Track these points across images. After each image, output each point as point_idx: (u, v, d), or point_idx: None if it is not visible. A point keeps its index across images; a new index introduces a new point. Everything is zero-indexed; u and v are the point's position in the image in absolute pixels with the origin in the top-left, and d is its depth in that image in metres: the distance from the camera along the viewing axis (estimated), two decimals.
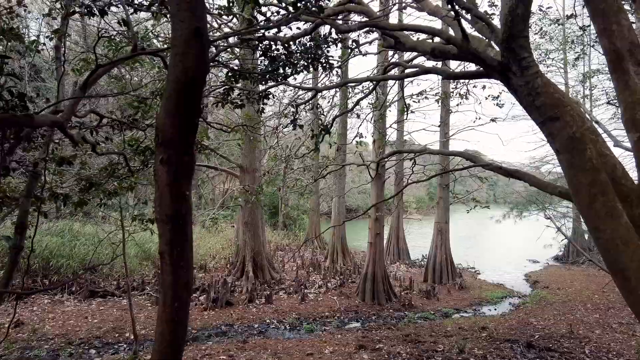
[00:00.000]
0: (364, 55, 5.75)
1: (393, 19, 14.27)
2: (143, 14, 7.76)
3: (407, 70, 4.43)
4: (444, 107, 14.94)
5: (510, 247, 24.09)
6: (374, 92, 7.42)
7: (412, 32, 4.08)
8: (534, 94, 2.60)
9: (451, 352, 7.89)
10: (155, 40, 5.79)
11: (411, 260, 19.69)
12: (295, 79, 4.86)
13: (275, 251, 19.17)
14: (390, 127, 12.51)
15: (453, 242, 16.53)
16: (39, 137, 3.72)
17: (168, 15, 3.85)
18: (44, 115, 2.53)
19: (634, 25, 3.51)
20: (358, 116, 7.61)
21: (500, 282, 15.82)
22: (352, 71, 33.20)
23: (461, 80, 8.78)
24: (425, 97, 9.03)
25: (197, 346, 8.23)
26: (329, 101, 13.03)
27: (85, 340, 8.31)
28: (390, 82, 10.99)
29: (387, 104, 11.15)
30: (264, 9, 3.88)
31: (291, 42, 3.87)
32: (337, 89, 8.88)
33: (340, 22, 3.90)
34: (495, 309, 12.23)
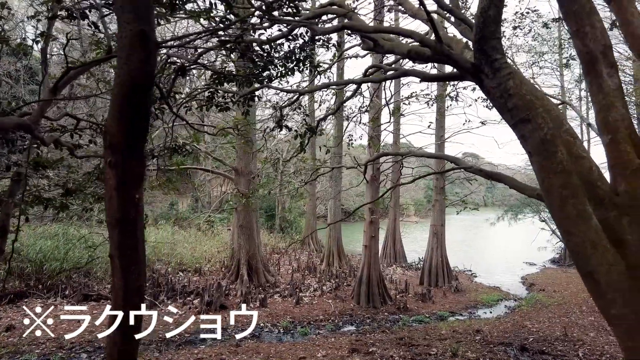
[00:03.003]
0: (351, 58, 5.75)
1: (389, 22, 14.27)
2: None
3: (388, 73, 4.44)
4: (437, 109, 14.96)
5: (507, 250, 24.02)
6: (362, 94, 7.49)
7: (392, 35, 4.08)
8: (505, 95, 2.58)
9: (444, 356, 7.84)
10: None
11: (407, 263, 19.63)
12: (288, 82, 4.85)
13: (271, 254, 19.12)
14: (385, 130, 12.52)
15: (449, 244, 16.48)
16: (18, 140, 3.71)
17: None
18: (9, 117, 2.51)
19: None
20: (347, 118, 7.64)
21: (496, 284, 15.75)
22: (348, 74, 33.20)
23: (451, 83, 8.79)
24: (416, 98, 9.04)
25: (190, 350, 8.19)
26: (319, 105, 13.02)
27: (76, 344, 8.27)
28: (386, 86, 11.01)
29: (380, 107, 11.15)
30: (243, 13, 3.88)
31: (270, 45, 3.87)
32: (328, 92, 8.90)
33: (320, 25, 3.90)
34: (491, 312, 12.17)
